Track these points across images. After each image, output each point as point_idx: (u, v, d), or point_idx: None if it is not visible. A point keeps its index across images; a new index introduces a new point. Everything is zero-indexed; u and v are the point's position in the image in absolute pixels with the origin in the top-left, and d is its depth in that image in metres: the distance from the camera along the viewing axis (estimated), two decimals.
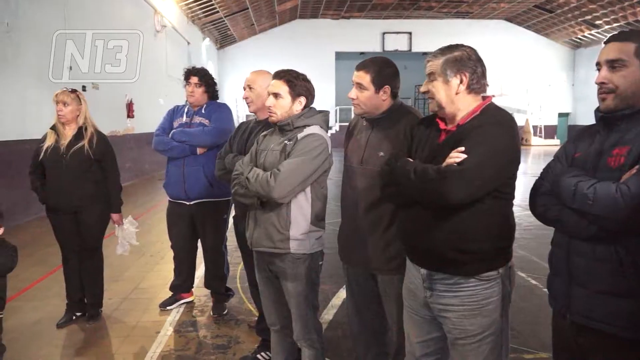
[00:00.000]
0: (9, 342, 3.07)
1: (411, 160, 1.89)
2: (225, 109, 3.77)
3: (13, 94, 7.14)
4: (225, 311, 3.78)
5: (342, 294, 4.12)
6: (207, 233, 3.75)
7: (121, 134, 11.44)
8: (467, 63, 1.78)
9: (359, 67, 2.27)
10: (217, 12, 19.15)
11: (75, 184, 3.47)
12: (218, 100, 3.85)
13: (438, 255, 1.80)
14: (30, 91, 7.57)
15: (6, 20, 6.92)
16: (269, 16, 23.07)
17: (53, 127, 3.56)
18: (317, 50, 24.43)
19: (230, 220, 3.51)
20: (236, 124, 3.25)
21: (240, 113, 21.78)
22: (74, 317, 3.64)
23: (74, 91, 3.57)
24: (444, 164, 1.72)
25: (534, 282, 4.45)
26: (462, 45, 1.82)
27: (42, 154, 3.50)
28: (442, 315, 1.85)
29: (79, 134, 3.53)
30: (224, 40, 24.26)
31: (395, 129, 2.24)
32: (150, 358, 3.09)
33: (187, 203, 3.70)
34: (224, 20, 20.65)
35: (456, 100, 1.80)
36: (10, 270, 2.93)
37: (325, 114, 2.47)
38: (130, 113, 11.88)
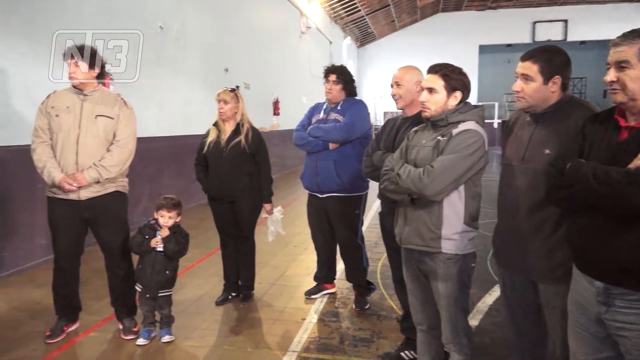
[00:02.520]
0: (177, 314, 3.45)
1: (583, 161, 1.70)
2: (359, 105, 3.80)
3: (180, 94, 8.03)
4: (367, 305, 3.82)
5: (488, 299, 3.90)
6: (338, 227, 3.83)
7: (267, 131, 12.21)
8: None
9: (524, 57, 2.10)
10: (359, 10, 19.43)
11: (233, 175, 3.77)
12: (356, 97, 3.88)
13: (619, 267, 1.59)
14: (194, 92, 8.44)
15: (175, 27, 7.79)
16: (410, 11, 22.78)
17: (215, 124, 3.90)
18: (460, 45, 23.45)
19: (371, 214, 3.51)
20: (374, 122, 3.25)
21: (378, 110, 21.92)
22: (229, 297, 3.98)
23: (233, 90, 3.87)
24: (632, 165, 1.52)
25: None
26: None
27: (205, 147, 3.85)
28: (620, 334, 1.64)
29: (237, 130, 3.82)
30: (364, 38, 24.56)
31: (564, 124, 2.03)
32: (297, 342, 3.25)
33: (320, 196, 3.81)
34: (365, 19, 20.89)
35: None
36: (182, 256, 3.30)
37: (481, 108, 2.34)
38: (276, 111, 12.62)
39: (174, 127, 7.70)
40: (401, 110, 2.97)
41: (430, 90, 2.29)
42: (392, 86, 2.94)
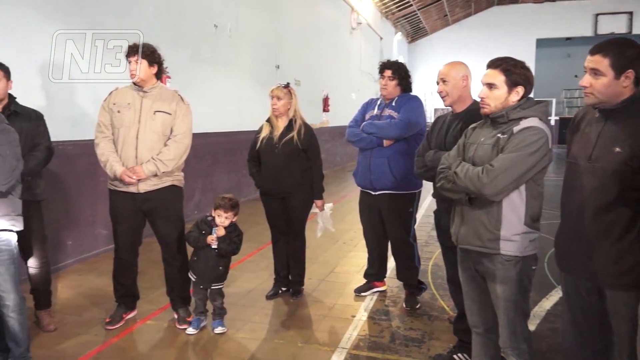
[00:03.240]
0: (228, 306, 3.52)
1: None
2: (414, 101, 3.72)
3: (232, 91, 8.18)
4: (418, 305, 3.75)
5: (545, 303, 3.75)
6: (391, 224, 3.78)
7: (317, 127, 12.26)
8: None
9: (594, 50, 1.98)
10: (411, 5, 19.13)
11: (285, 171, 3.79)
12: (412, 94, 3.81)
13: None
14: (246, 89, 8.58)
15: (229, 26, 7.94)
16: (464, 5, 22.20)
17: (268, 120, 3.94)
18: (515, 39, 22.56)
19: (421, 212, 3.44)
20: (427, 118, 3.19)
21: (429, 107, 21.51)
22: (280, 292, 4.03)
23: (286, 86, 3.90)
24: None
25: None
26: None
27: (258, 143, 3.89)
28: None
29: (290, 126, 3.84)
30: (415, 33, 24.17)
31: (637, 120, 1.90)
32: (347, 339, 3.24)
33: (373, 193, 3.77)
34: (416, 13, 20.54)
35: None
36: (235, 254, 3.36)
37: (545, 104, 2.23)
38: (325, 107, 12.64)
39: (226, 123, 7.86)
40: (450, 107, 2.90)
41: (490, 86, 2.21)
42: (437, 83, 2.87)
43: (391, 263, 4.13)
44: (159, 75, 3.36)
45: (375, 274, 4.05)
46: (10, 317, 2.66)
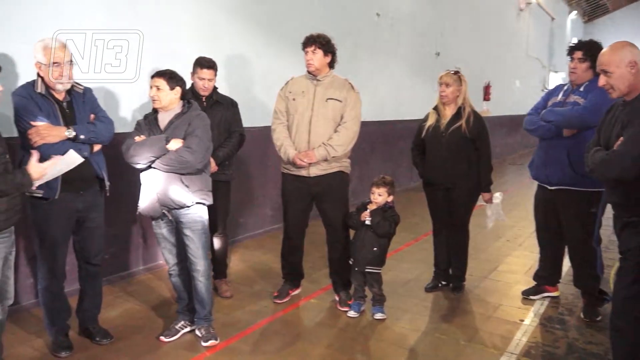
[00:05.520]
0: (387, 294, 3.52)
1: None
2: None
3: (391, 80, 8.14)
4: (599, 317, 3.33)
5: None
6: (569, 225, 3.39)
7: None
8: None
9: None
10: None
11: (451, 161, 3.64)
12: None
13: None
14: (404, 77, 8.48)
15: (390, 13, 7.89)
16: None
17: (435, 107, 3.81)
18: None
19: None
20: None
21: None
22: (439, 285, 3.91)
23: (456, 72, 3.72)
24: None
25: None
26: None
27: (424, 131, 3.79)
28: None
29: (458, 114, 3.66)
30: (592, 12, 21.48)
31: None
32: (516, 344, 3.02)
33: (549, 188, 3.42)
34: None
35: None
36: (389, 234, 3.36)
37: None
38: (486, 96, 11.92)
39: (384, 112, 7.86)
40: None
41: None
42: (598, 73, 2.42)
43: (567, 267, 3.74)
44: (332, 64, 3.46)
45: (546, 277, 3.70)
46: (199, 281, 3.00)
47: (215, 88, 3.59)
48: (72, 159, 2.43)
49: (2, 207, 2.27)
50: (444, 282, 3.92)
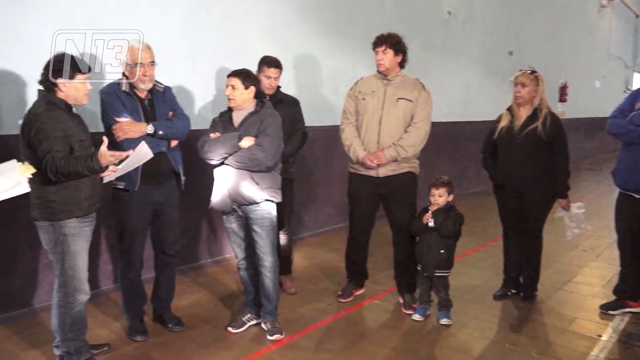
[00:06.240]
0: (453, 299, 3.42)
1: None
2: None
3: (460, 80, 7.92)
4: None
5: None
6: None
7: None
8: None
9: None
10: None
11: (524, 165, 3.48)
12: None
13: None
14: (474, 77, 8.22)
15: (462, 11, 7.67)
16: None
17: (509, 108, 3.66)
18: None
19: None
20: None
21: None
22: (509, 293, 3.76)
23: (533, 72, 3.56)
24: None
25: None
26: None
27: (496, 133, 3.65)
28: None
29: (534, 115, 3.50)
30: None
31: None
32: None
33: (636, 196, 3.19)
34: None
35: None
36: (455, 234, 3.28)
37: None
38: (563, 97, 11.31)
39: (452, 113, 7.67)
40: None
41: None
42: None
43: None
44: (403, 64, 3.42)
45: (628, 291, 3.46)
46: (266, 276, 3.06)
47: (278, 87, 3.63)
48: (144, 153, 2.50)
49: (86, 193, 2.50)
50: (513, 291, 3.76)
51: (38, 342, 2.96)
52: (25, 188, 2.08)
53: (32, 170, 2.11)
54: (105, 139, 2.42)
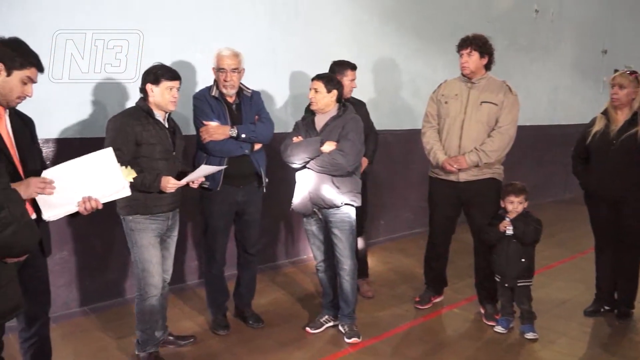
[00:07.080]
0: (539, 313, 3.26)
1: None
2: None
3: (547, 81, 7.51)
4: None
5: None
6: None
7: None
8: None
9: None
10: None
11: (621, 172, 3.24)
12: None
13: None
14: (563, 78, 7.76)
15: (552, 9, 7.27)
16: None
17: (604, 112, 3.43)
18: None
19: None
20: None
21: None
22: (601, 310, 3.51)
23: (633, 73, 3.30)
24: None
25: None
26: None
27: (589, 138, 3.43)
28: None
29: (633, 120, 3.25)
30: None
31: None
32: None
33: None
34: None
35: None
36: (535, 240, 3.15)
37: None
38: None
39: (537, 116, 7.30)
40: None
41: None
42: None
43: None
44: (489, 66, 3.31)
45: None
46: (345, 279, 3.09)
47: None
48: (202, 171, 2.68)
49: (152, 196, 2.61)
50: (607, 307, 3.51)
51: (126, 333, 3.12)
52: (128, 192, 2.21)
53: (134, 174, 2.26)
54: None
